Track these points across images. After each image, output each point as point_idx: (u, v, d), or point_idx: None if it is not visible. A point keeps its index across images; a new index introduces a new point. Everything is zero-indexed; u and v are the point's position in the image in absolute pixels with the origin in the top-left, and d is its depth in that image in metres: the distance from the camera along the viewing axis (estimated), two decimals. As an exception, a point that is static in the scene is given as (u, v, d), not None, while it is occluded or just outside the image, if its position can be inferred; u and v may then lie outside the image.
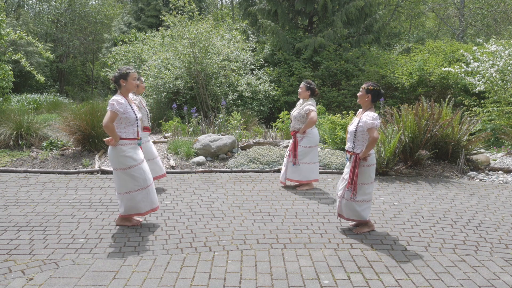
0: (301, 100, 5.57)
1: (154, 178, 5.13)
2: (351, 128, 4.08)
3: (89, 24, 28.40)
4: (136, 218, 4.26)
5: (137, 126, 4.08)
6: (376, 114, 3.94)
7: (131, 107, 4.07)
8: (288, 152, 5.64)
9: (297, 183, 5.70)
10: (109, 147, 4.02)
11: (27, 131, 7.88)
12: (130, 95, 4.25)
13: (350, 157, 4.06)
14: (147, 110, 5.41)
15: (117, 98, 3.95)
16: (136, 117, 4.08)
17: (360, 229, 4.16)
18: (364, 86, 4.03)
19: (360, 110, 4.21)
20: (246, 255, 3.57)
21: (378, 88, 3.99)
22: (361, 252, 3.69)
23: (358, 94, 4.11)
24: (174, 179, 6.00)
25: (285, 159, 5.70)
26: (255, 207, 4.86)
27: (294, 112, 5.54)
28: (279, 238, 3.96)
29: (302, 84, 5.49)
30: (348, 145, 4.10)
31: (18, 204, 4.84)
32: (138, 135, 4.09)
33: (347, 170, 4.13)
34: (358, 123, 4.01)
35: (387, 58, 13.86)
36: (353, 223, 4.28)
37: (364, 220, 4.12)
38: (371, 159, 4.04)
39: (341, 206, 4.14)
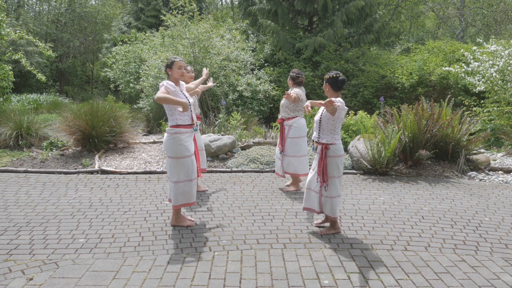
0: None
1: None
2: (316, 117, 4.01)
3: (89, 24, 28.39)
4: (189, 218, 4.31)
5: (191, 111, 4.14)
6: (340, 99, 3.82)
7: (183, 93, 4.14)
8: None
9: (288, 183, 5.71)
10: (165, 135, 4.09)
11: (27, 131, 7.88)
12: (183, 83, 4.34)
13: (317, 148, 4.00)
14: (197, 98, 5.49)
15: (166, 81, 4.05)
16: (189, 102, 4.12)
17: (327, 231, 4.08)
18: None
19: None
20: (246, 255, 3.57)
21: (335, 75, 3.84)
22: (361, 252, 3.69)
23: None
24: (174, 179, 5.99)
25: (277, 149, 5.64)
26: (255, 207, 4.87)
27: (282, 100, 5.55)
28: (279, 238, 3.96)
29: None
30: (314, 135, 4.03)
31: (18, 204, 4.84)
32: (193, 121, 4.16)
33: (316, 162, 4.06)
34: (322, 112, 3.95)
35: (387, 58, 13.85)
36: (318, 221, 4.29)
37: (335, 218, 4.03)
38: (336, 150, 3.90)
39: (320, 202, 4.03)
